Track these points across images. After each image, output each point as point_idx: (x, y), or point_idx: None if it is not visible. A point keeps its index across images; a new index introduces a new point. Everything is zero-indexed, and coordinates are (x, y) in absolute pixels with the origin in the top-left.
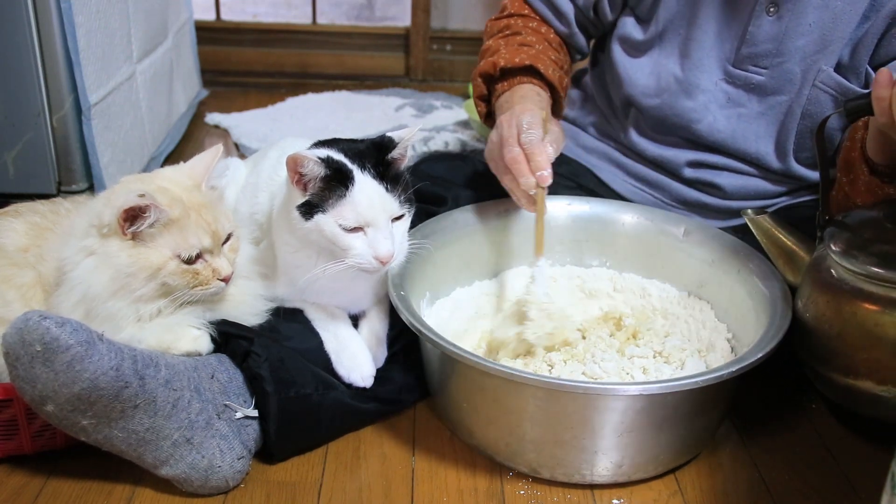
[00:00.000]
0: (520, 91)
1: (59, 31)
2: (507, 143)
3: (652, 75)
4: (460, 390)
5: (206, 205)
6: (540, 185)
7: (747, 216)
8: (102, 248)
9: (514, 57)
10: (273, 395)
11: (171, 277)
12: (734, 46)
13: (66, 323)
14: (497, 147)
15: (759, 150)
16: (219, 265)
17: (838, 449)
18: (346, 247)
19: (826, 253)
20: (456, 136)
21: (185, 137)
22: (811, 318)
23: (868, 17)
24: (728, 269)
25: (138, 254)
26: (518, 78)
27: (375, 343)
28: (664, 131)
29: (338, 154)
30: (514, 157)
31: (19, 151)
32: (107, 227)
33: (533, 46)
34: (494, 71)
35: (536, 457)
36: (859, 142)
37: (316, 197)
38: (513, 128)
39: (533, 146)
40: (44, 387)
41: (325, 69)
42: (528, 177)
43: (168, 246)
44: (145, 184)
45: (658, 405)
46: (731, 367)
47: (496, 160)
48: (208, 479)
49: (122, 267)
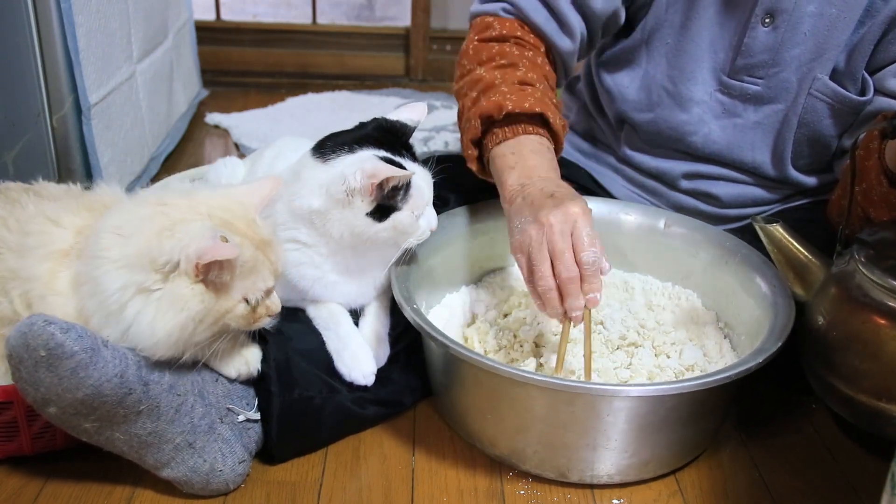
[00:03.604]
0: (529, 144)
1: (59, 31)
2: (561, 258)
3: (642, 89)
4: (464, 390)
5: (268, 242)
6: (588, 307)
7: (757, 224)
8: (168, 288)
9: (522, 101)
10: (277, 395)
11: (235, 320)
12: (729, 57)
13: (71, 329)
14: (539, 250)
15: (755, 160)
16: (273, 303)
17: (838, 449)
18: (415, 230)
19: (854, 269)
20: (456, 137)
21: (185, 137)
22: (839, 338)
23: (863, 23)
24: (714, 259)
25: (211, 299)
26: (523, 126)
27: (377, 342)
28: (659, 144)
29: (384, 153)
30: (571, 279)
31: (19, 151)
32: (170, 265)
33: (535, 87)
34: (499, 114)
35: (539, 457)
36: (875, 152)
37: (387, 199)
38: (567, 237)
39: (593, 269)
40: (47, 391)
41: (325, 69)
42: (578, 300)
43: (239, 290)
44: (211, 217)
45: (666, 405)
46: (740, 367)
47: (535, 266)
48: (209, 483)
49: (193, 313)
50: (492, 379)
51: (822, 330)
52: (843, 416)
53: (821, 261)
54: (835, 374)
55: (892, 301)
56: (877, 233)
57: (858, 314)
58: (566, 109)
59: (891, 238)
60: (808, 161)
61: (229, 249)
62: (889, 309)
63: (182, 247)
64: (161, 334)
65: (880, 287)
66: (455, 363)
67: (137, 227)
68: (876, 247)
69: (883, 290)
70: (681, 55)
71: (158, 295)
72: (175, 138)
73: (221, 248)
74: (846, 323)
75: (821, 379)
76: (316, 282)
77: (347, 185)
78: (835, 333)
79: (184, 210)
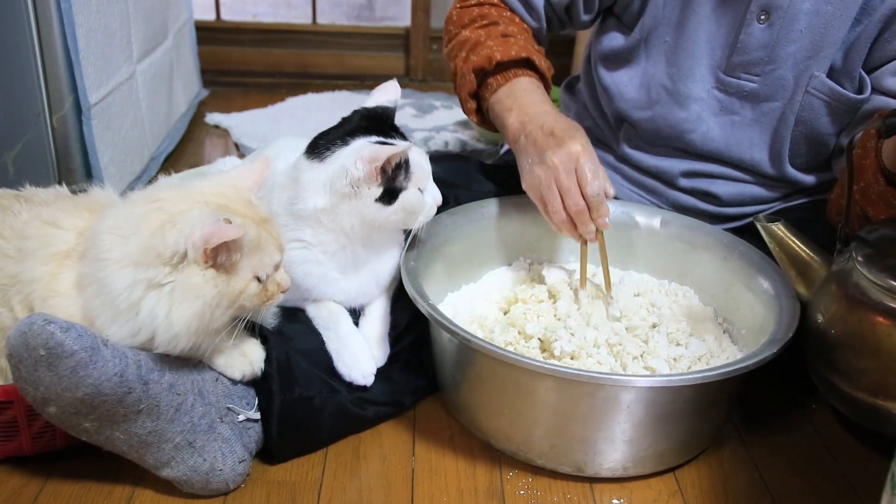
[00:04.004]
0: (520, 85)
1: (59, 31)
2: (569, 194)
3: (642, 87)
4: (479, 385)
5: (267, 220)
6: (599, 229)
7: (759, 223)
8: (179, 279)
9: (508, 50)
10: (278, 394)
11: (249, 300)
12: (725, 54)
13: (71, 328)
14: (549, 189)
15: (753, 158)
16: (282, 278)
17: (838, 449)
18: (423, 206)
19: (853, 267)
20: (456, 136)
21: (185, 137)
22: (838, 335)
23: (860, 21)
24: (711, 256)
25: (223, 282)
26: (513, 71)
27: (377, 342)
28: (658, 143)
29: (377, 138)
30: (579, 210)
31: (19, 151)
32: (177, 257)
33: (517, 37)
34: (490, 65)
35: (557, 451)
36: (873, 150)
37: (391, 181)
38: (572, 174)
39: (599, 199)
40: (47, 390)
41: (325, 69)
42: (589, 226)
43: (249, 269)
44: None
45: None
46: (751, 360)
47: (548, 203)
48: (209, 482)
49: (208, 299)
50: (511, 371)
51: (822, 328)
52: (844, 414)
53: (822, 259)
54: (834, 372)
55: (890, 300)
56: (876, 231)
57: (856, 312)
58: (565, 109)
59: (890, 236)
60: (806, 159)
61: (234, 229)
62: (886, 308)
63: (186, 235)
64: (179, 326)
65: (878, 286)
66: (471, 357)
67: (135, 225)
68: (875, 245)
69: (880, 289)
70: (679, 53)
71: (170, 288)
72: (175, 138)
73: (226, 229)
74: (845, 321)
75: (822, 376)
76: (321, 279)
77: (350, 176)
78: (834, 331)
79: (179, 201)
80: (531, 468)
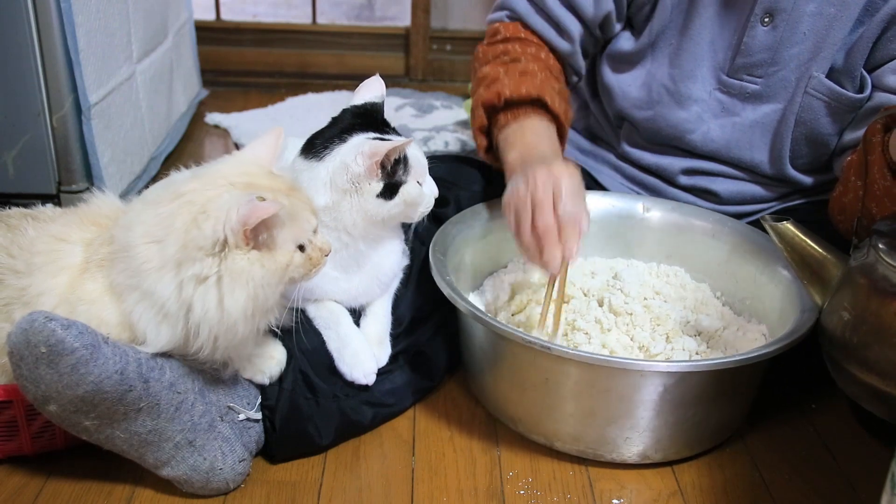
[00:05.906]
0: (529, 125)
1: (59, 31)
2: (541, 209)
3: (643, 87)
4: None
5: (294, 187)
6: (565, 260)
7: (767, 223)
8: (225, 267)
9: (519, 87)
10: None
11: (296, 270)
12: (728, 56)
13: (72, 325)
14: (524, 204)
15: (753, 158)
16: (322, 241)
17: (838, 449)
18: (422, 199)
19: (877, 260)
20: (456, 136)
21: (185, 137)
22: (870, 332)
23: (862, 22)
24: (700, 234)
25: (269, 259)
26: (524, 110)
27: (378, 342)
28: (658, 142)
29: (373, 134)
30: (547, 228)
31: (19, 151)
32: (219, 245)
33: (535, 75)
34: (499, 101)
35: (589, 438)
36: (879, 145)
37: (391, 175)
38: (549, 191)
39: (569, 221)
40: (47, 388)
41: (325, 69)
42: (554, 250)
43: (290, 240)
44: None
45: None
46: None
47: (520, 218)
48: (209, 481)
49: (258, 279)
50: (541, 358)
51: (848, 327)
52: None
53: (836, 257)
54: (870, 371)
55: None
56: (893, 222)
57: (889, 305)
58: None
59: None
60: (807, 160)
61: (270, 205)
62: None
63: (223, 221)
64: (236, 313)
65: None
66: (502, 347)
67: (167, 226)
68: (893, 235)
69: None
70: (682, 54)
71: (216, 278)
72: (175, 138)
73: (261, 206)
74: (877, 316)
75: (852, 379)
76: (322, 278)
77: (351, 172)
78: (865, 328)
79: (205, 189)
80: (531, 468)
